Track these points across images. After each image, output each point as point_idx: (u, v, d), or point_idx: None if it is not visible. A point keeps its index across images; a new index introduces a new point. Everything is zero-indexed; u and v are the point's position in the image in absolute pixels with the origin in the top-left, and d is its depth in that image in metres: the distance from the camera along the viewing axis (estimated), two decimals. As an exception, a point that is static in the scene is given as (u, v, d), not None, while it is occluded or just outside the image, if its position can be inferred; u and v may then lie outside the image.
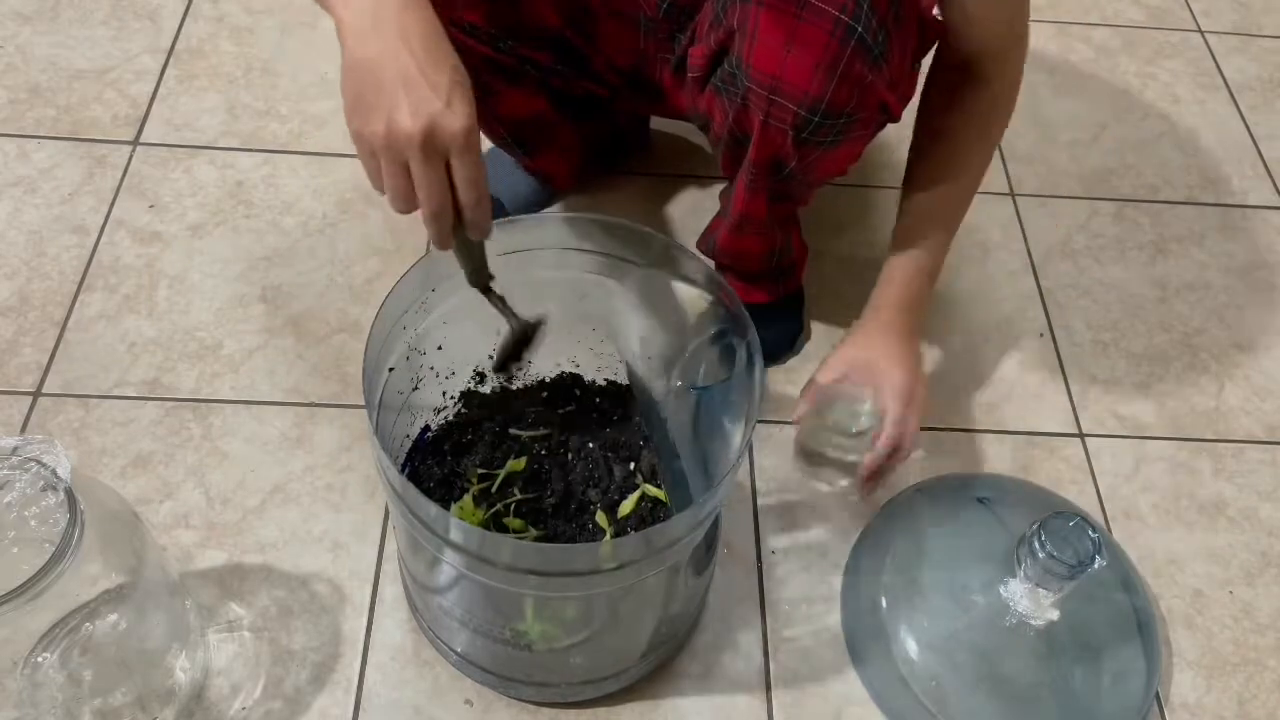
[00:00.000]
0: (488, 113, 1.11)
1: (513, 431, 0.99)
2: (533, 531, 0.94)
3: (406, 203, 0.72)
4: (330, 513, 1.01)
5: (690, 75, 0.94)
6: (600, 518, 0.94)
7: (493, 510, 0.94)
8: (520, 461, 0.96)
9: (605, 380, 1.04)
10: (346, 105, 0.70)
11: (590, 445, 0.99)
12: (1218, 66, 1.55)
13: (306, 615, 0.94)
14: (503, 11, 0.96)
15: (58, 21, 1.41)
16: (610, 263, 0.88)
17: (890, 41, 0.83)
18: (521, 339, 0.84)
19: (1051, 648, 0.89)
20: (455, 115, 0.68)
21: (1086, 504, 1.07)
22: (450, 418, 1.01)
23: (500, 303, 0.82)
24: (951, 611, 0.92)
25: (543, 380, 1.03)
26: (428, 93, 0.67)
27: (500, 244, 0.86)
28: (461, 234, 0.75)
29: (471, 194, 0.71)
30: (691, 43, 0.95)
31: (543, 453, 0.98)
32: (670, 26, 0.99)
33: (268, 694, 0.90)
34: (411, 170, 0.69)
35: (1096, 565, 0.82)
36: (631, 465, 0.98)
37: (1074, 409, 1.15)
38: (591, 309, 0.93)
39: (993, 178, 1.36)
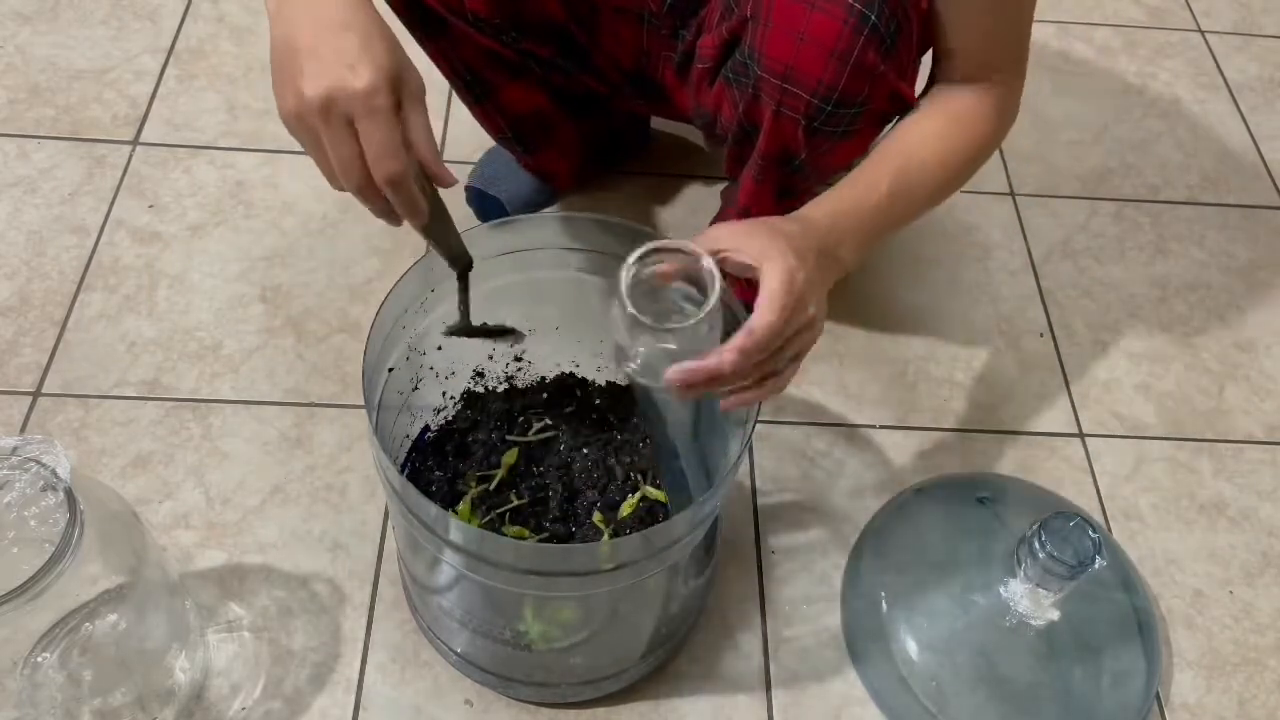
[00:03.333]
0: (489, 108, 1.11)
1: (509, 438, 0.99)
2: (532, 537, 0.93)
3: (330, 177, 0.69)
4: (330, 513, 1.01)
5: (699, 66, 0.94)
6: (599, 518, 0.94)
7: (492, 513, 0.94)
8: (513, 453, 0.97)
9: (605, 380, 1.04)
10: (273, 88, 0.69)
11: (590, 446, 0.99)
12: (1218, 66, 1.55)
13: (306, 615, 0.94)
14: (506, 3, 0.96)
15: (57, 21, 1.41)
16: (611, 263, 0.87)
17: (901, 31, 0.83)
18: (490, 334, 0.87)
19: (1051, 648, 0.89)
20: (356, 76, 0.65)
21: (1086, 504, 1.07)
22: (450, 418, 1.01)
23: (464, 295, 0.82)
24: (951, 611, 0.92)
25: (543, 380, 1.03)
26: (330, 58, 0.66)
27: (500, 244, 0.86)
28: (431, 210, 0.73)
29: (383, 167, 0.67)
30: (697, 37, 0.95)
31: (540, 461, 0.98)
32: (673, 23, 0.99)
33: (268, 694, 0.90)
34: (323, 142, 0.67)
35: (1096, 565, 0.82)
36: (629, 463, 0.98)
37: (1074, 409, 1.15)
38: (591, 309, 0.93)
39: (993, 177, 1.36)
